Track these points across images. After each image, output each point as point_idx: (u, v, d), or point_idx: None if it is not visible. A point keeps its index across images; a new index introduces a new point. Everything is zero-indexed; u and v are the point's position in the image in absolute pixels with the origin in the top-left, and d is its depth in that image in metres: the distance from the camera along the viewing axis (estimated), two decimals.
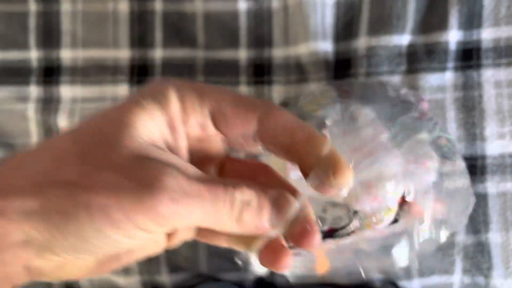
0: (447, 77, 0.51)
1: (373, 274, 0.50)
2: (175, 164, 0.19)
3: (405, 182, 0.40)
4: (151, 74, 0.54)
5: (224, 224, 0.19)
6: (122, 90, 0.54)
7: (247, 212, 0.19)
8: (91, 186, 0.18)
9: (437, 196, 0.41)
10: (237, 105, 0.21)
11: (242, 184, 0.20)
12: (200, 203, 0.18)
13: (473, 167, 0.51)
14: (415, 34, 0.52)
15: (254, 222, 0.20)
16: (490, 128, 0.51)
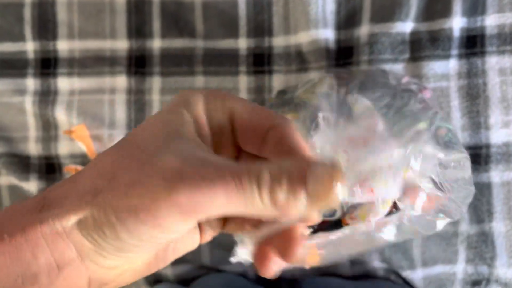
0: (451, 65, 0.50)
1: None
2: (204, 159, 0.19)
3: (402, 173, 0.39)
4: (150, 65, 0.53)
5: (255, 206, 0.19)
6: (120, 81, 0.53)
7: (279, 189, 0.19)
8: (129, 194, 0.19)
9: (436, 185, 0.40)
10: (254, 110, 0.22)
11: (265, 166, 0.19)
12: (224, 188, 0.18)
13: (477, 156, 0.50)
14: (418, 21, 0.51)
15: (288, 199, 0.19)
16: (494, 117, 0.50)
